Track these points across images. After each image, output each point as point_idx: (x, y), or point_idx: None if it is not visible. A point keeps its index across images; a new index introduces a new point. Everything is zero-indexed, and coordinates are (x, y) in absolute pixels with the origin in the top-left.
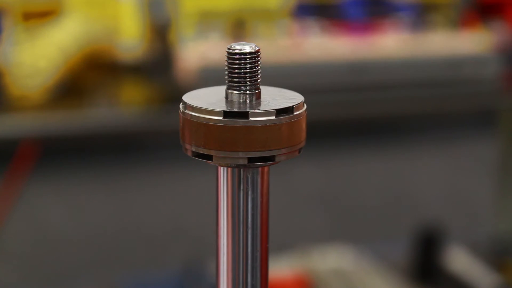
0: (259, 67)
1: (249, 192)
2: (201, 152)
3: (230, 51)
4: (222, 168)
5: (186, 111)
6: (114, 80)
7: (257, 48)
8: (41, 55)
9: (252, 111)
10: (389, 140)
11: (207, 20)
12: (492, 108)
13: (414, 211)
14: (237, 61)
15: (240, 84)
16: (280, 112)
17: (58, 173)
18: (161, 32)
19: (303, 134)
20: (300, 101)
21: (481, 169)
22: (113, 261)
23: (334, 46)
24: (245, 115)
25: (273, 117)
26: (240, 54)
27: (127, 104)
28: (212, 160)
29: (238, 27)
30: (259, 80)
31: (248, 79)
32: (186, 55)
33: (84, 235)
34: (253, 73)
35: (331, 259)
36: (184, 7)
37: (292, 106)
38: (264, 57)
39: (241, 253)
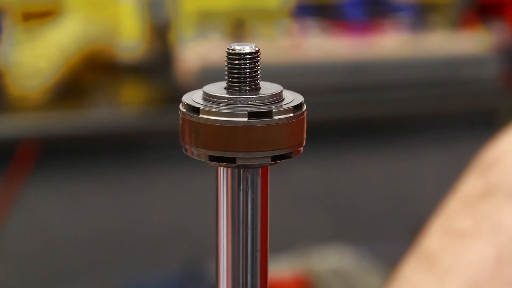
0: (259, 67)
1: (249, 193)
2: (221, 155)
3: (230, 51)
4: (222, 168)
5: (201, 115)
6: (114, 80)
7: (257, 48)
8: (41, 55)
9: (275, 109)
10: (389, 140)
11: (207, 20)
12: (492, 108)
13: (414, 211)
14: (237, 62)
15: (240, 85)
16: (296, 108)
17: (58, 173)
18: (161, 32)
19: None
20: (301, 98)
21: None
22: (113, 261)
23: (334, 46)
24: (269, 114)
25: (292, 114)
26: (240, 54)
27: (127, 104)
28: (235, 163)
29: (238, 27)
30: (259, 81)
31: (248, 80)
32: (186, 55)
33: (84, 235)
34: (253, 74)
35: (331, 259)
36: (184, 7)
37: (301, 102)
38: (264, 57)
39: (241, 253)
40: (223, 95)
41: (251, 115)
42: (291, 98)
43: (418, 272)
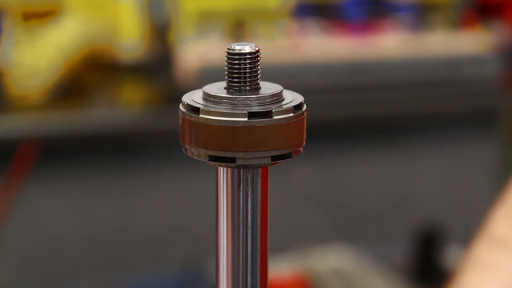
0: (259, 67)
1: (249, 192)
2: (221, 155)
3: (230, 51)
4: (222, 168)
5: (201, 115)
6: (114, 80)
7: (257, 48)
8: (41, 55)
9: (275, 109)
10: (389, 140)
11: (207, 20)
12: (492, 108)
13: (414, 211)
14: (237, 61)
15: (240, 85)
16: (296, 108)
17: (58, 173)
18: (161, 32)
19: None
20: (301, 98)
21: (481, 169)
22: (113, 261)
23: (334, 46)
24: (269, 114)
25: (292, 114)
26: (240, 54)
27: (127, 104)
28: (235, 163)
29: (238, 27)
30: (259, 80)
31: (248, 79)
32: (186, 55)
33: (84, 235)
34: (253, 73)
35: (331, 259)
36: (184, 7)
37: (301, 102)
38: (264, 57)
39: (241, 253)
40: (223, 95)
41: (251, 115)
42: (291, 98)
43: (492, 252)
